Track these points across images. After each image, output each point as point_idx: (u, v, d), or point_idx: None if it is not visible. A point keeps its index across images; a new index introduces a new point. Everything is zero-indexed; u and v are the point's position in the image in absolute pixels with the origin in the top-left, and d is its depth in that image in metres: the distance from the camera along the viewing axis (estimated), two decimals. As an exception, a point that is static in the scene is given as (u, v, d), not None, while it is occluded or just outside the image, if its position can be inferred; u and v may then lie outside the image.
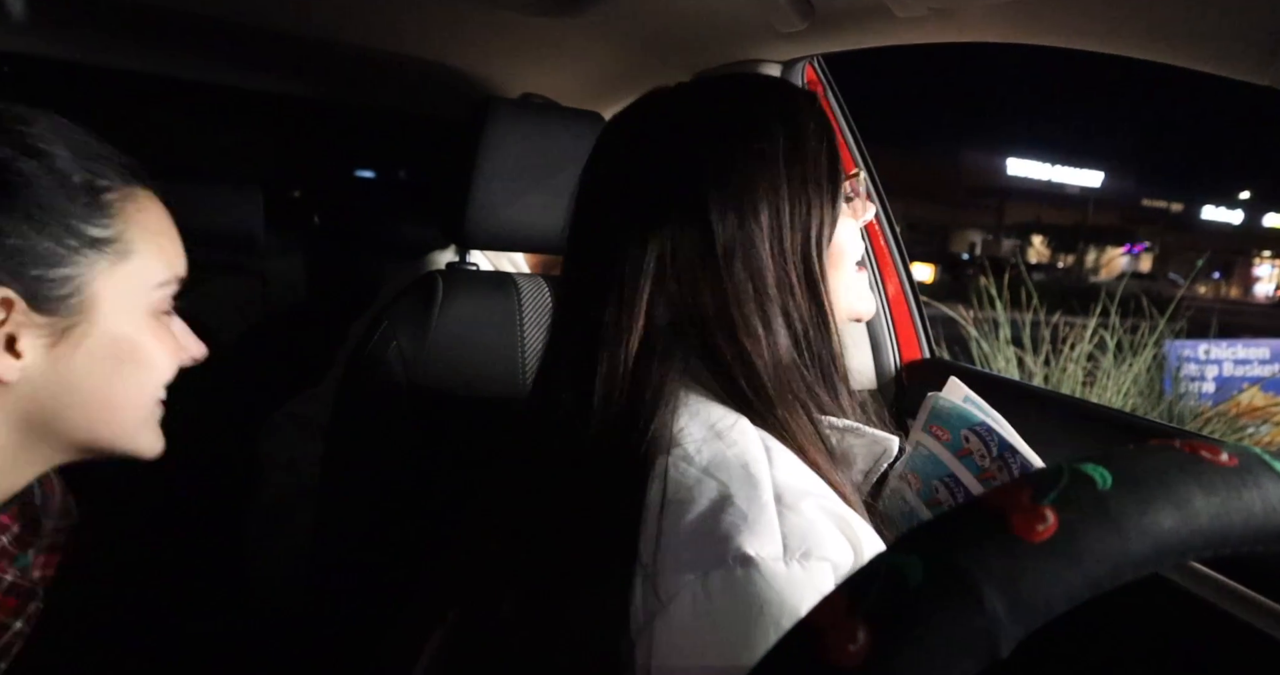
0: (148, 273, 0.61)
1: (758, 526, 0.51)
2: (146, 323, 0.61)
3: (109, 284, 0.59)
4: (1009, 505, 0.28)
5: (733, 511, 0.51)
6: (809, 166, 0.62)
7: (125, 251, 0.60)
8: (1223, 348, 4.45)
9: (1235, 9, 0.67)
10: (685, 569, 0.50)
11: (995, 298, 3.86)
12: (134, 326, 0.60)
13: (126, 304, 0.60)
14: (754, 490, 0.53)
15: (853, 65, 1.48)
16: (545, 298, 1.06)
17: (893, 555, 0.28)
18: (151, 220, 0.63)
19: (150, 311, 0.62)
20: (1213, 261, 29.59)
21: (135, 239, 0.60)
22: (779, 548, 0.50)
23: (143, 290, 0.61)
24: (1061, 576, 0.26)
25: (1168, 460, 0.29)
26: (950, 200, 32.98)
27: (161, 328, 0.63)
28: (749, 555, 0.49)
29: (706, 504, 0.52)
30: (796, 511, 0.52)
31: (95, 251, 0.58)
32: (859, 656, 0.25)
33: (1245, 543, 0.29)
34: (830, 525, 0.53)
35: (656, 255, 0.60)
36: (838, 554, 0.52)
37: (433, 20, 1.61)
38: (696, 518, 0.52)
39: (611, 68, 1.62)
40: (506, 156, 1.03)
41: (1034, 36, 0.88)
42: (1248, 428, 3.44)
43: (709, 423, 0.57)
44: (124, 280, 0.60)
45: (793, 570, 0.50)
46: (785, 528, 0.51)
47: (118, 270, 0.59)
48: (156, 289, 0.62)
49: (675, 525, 0.52)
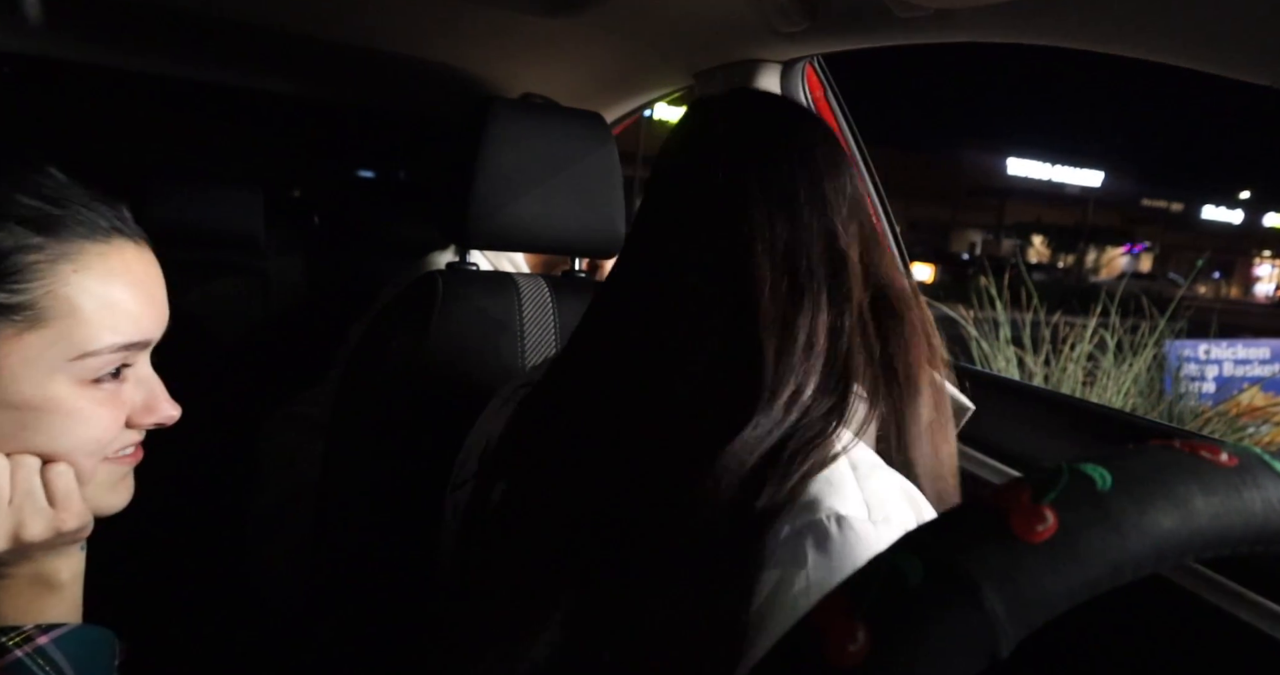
0: (70, 341, 0.55)
1: (843, 491, 0.56)
2: (68, 392, 0.56)
3: (13, 351, 0.54)
4: (1009, 505, 0.28)
5: (818, 478, 0.56)
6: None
7: (37, 318, 0.54)
8: (1223, 348, 4.45)
9: (1236, 9, 0.67)
10: (777, 531, 0.55)
11: (995, 298, 3.86)
12: (48, 397, 0.56)
13: (37, 373, 0.55)
14: (834, 461, 0.58)
15: (853, 65, 1.49)
16: (545, 298, 1.06)
17: (892, 555, 0.28)
18: (96, 282, 0.56)
19: (75, 380, 0.57)
20: (1213, 261, 29.61)
21: (55, 305, 0.55)
22: (864, 510, 0.55)
23: (60, 359, 0.55)
24: (1061, 577, 0.26)
25: (1167, 460, 0.29)
26: (950, 200, 32.98)
27: (93, 396, 0.58)
28: (842, 514, 0.54)
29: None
30: (871, 481, 0.58)
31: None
32: (858, 657, 0.25)
33: (1245, 543, 0.29)
34: (900, 497, 0.58)
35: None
36: (908, 524, 0.56)
37: (433, 20, 1.61)
38: (796, 478, 0.56)
39: (611, 68, 1.62)
40: (506, 156, 1.03)
41: (1034, 36, 0.88)
42: (1248, 428, 3.44)
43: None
44: (35, 349, 0.54)
45: (879, 530, 0.55)
46: (865, 494, 0.56)
47: (26, 338, 0.54)
48: (81, 358, 0.56)
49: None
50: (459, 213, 1.04)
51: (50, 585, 0.61)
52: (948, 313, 3.78)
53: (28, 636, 0.58)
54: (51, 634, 0.58)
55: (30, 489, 0.57)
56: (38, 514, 0.57)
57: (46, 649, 0.58)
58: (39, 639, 0.58)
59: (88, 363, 0.57)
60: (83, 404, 0.57)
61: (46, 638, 0.58)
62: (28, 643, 0.57)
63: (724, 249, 0.64)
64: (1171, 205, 39.82)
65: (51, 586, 0.61)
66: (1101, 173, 36.68)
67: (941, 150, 35.76)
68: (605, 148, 1.08)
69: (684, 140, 0.72)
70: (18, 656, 0.57)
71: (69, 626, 0.60)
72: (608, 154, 1.08)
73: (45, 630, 0.58)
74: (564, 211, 1.06)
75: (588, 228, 1.08)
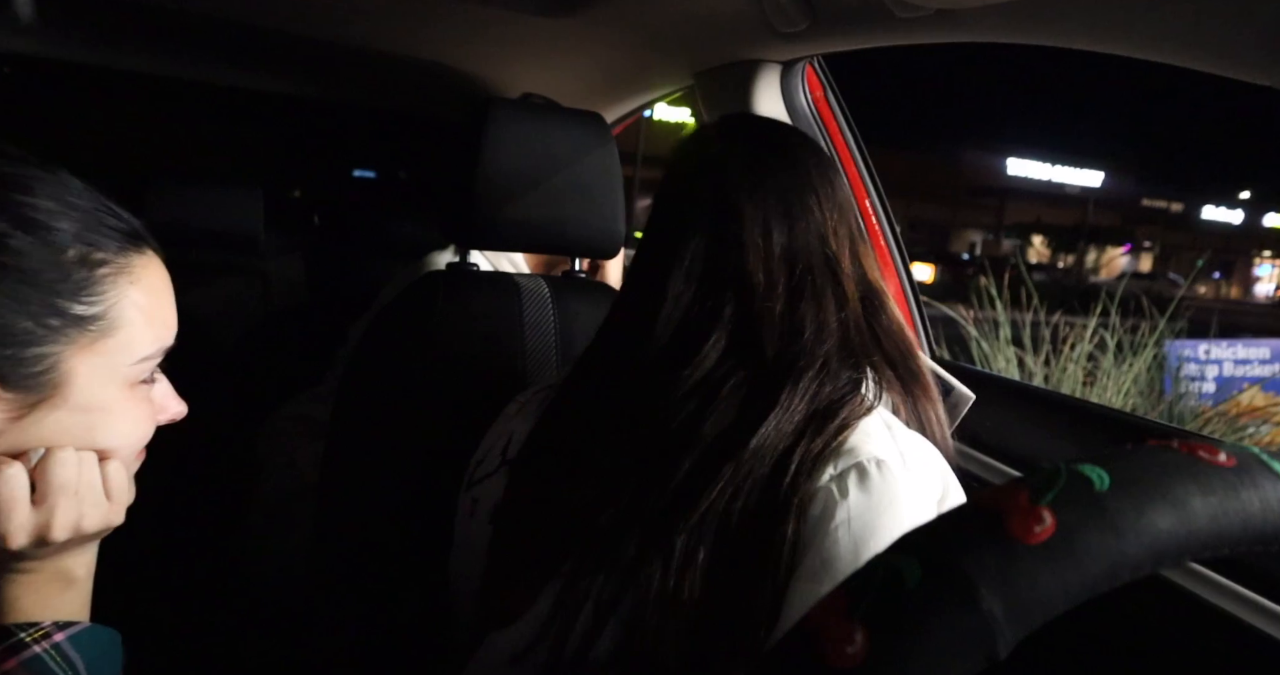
0: (131, 348, 0.59)
1: (881, 441, 0.64)
2: (121, 394, 0.60)
3: (86, 359, 0.57)
4: (1006, 506, 0.28)
5: (857, 430, 0.64)
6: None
7: (109, 328, 0.58)
8: (1223, 348, 4.45)
9: (1236, 9, 0.67)
10: (820, 473, 0.62)
11: (995, 298, 3.86)
12: (107, 399, 0.59)
13: (102, 378, 0.58)
14: (869, 414, 0.66)
15: (853, 65, 1.49)
16: (545, 298, 1.06)
17: (890, 556, 0.28)
18: (143, 294, 0.60)
19: (127, 384, 0.60)
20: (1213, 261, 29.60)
21: (122, 314, 0.58)
22: (900, 459, 0.63)
23: (122, 365, 0.59)
24: (1059, 578, 0.26)
25: (1165, 461, 0.29)
26: (950, 200, 32.98)
27: (137, 397, 0.61)
28: (881, 458, 0.62)
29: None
30: (903, 436, 0.67)
31: (77, 329, 0.56)
32: (857, 658, 0.25)
33: (1243, 543, 0.29)
34: (929, 450, 0.68)
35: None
36: (935, 474, 0.66)
37: (433, 21, 1.61)
38: (834, 429, 0.64)
39: (611, 68, 1.62)
40: (507, 156, 1.03)
41: (1034, 36, 0.88)
42: (1248, 428, 3.44)
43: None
44: (103, 356, 0.58)
45: (913, 475, 0.63)
46: (899, 446, 0.65)
47: (98, 346, 0.57)
48: (138, 363, 0.60)
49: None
50: (459, 213, 1.04)
51: (68, 581, 0.61)
52: (948, 313, 3.78)
53: (46, 632, 0.58)
54: (67, 631, 0.59)
55: (93, 482, 0.60)
56: (97, 507, 0.60)
57: (62, 646, 0.58)
58: (56, 636, 0.58)
59: (142, 367, 0.61)
60: (132, 405, 0.61)
61: (62, 635, 0.58)
62: (45, 639, 0.58)
63: (722, 257, 0.71)
64: (1171, 205, 39.82)
65: (69, 582, 0.62)
66: (1101, 173, 36.69)
67: (941, 150, 35.75)
68: (605, 148, 1.08)
69: (683, 161, 0.79)
70: (36, 652, 0.57)
71: (83, 625, 0.60)
72: (608, 154, 1.08)
73: (62, 627, 0.59)
74: (564, 212, 1.06)
75: (588, 228, 1.08)
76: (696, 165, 0.77)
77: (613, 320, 0.80)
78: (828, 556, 0.59)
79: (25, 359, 0.54)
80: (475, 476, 0.84)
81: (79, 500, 0.59)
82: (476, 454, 0.86)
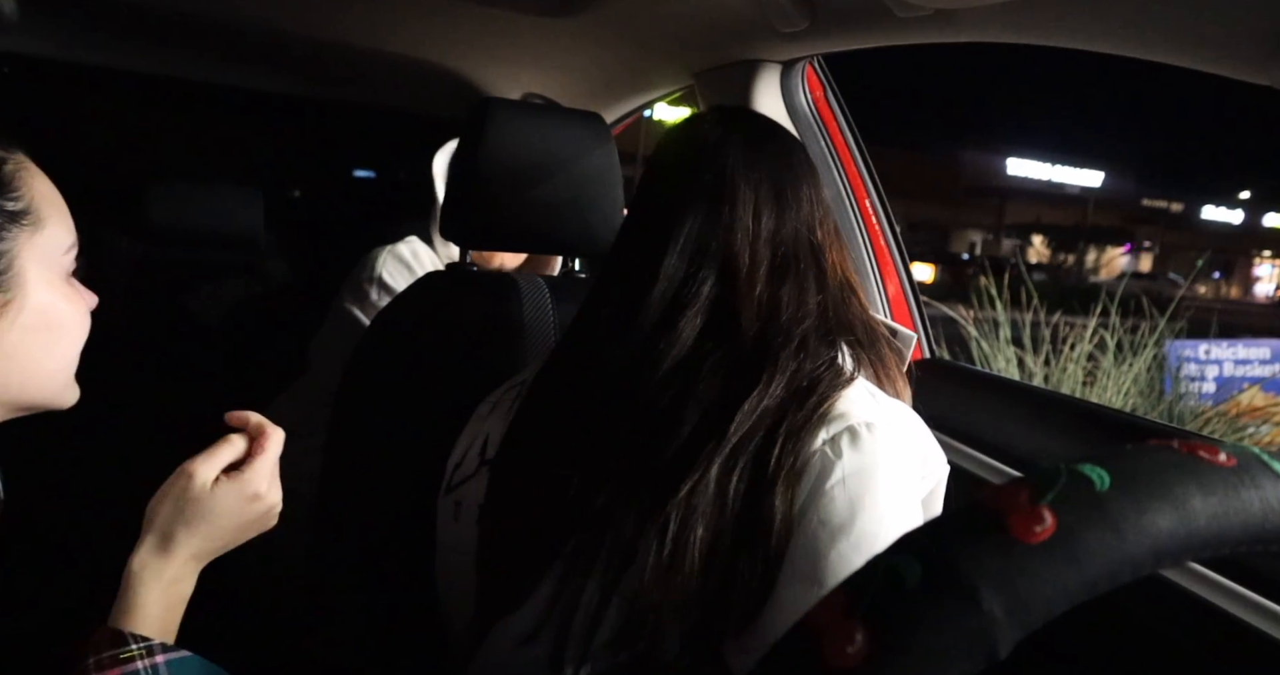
0: (57, 239, 0.63)
1: (867, 405, 0.68)
2: (61, 288, 0.63)
3: (31, 255, 0.60)
4: (1007, 506, 0.28)
5: (844, 397, 0.68)
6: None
7: (38, 220, 0.61)
8: (1223, 348, 4.45)
9: (1235, 9, 0.67)
10: (812, 439, 0.64)
11: (995, 298, 3.86)
12: (54, 294, 0.62)
13: (46, 273, 0.61)
14: (852, 383, 0.70)
15: (853, 65, 1.49)
16: (545, 298, 1.06)
17: (890, 556, 0.28)
18: (44, 186, 0.63)
19: (63, 275, 0.63)
20: (1213, 261, 29.60)
21: (42, 207, 0.62)
22: (886, 420, 0.67)
23: (55, 257, 0.62)
24: (1059, 578, 0.26)
25: (1166, 461, 0.29)
26: (950, 200, 32.97)
27: (73, 290, 0.65)
28: (870, 421, 0.66)
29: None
30: (886, 402, 0.71)
31: (16, 225, 0.59)
32: (857, 658, 0.25)
33: (1243, 543, 0.29)
34: (911, 413, 0.72)
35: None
36: (917, 437, 0.71)
37: (433, 21, 1.61)
38: (816, 401, 0.67)
39: (611, 68, 1.62)
40: (506, 157, 1.03)
41: (1034, 36, 0.88)
42: (1248, 428, 3.44)
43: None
44: (40, 249, 0.61)
45: (899, 434, 0.67)
46: (884, 410, 0.69)
47: (36, 240, 0.61)
48: (65, 254, 0.63)
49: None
50: (459, 213, 1.04)
51: (182, 599, 0.62)
52: (948, 313, 3.78)
53: (150, 650, 0.58)
54: (169, 655, 0.58)
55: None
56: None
57: (160, 668, 0.57)
58: (158, 657, 0.58)
59: (70, 257, 0.64)
60: (72, 297, 0.64)
61: (164, 657, 0.58)
62: (149, 656, 0.57)
63: (711, 236, 0.73)
64: (1171, 205, 39.81)
65: (184, 600, 0.63)
66: (1101, 173, 36.68)
67: (941, 150, 35.73)
68: (605, 148, 1.08)
69: (677, 145, 0.80)
70: (137, 668, 0.56)
71: (184, 653, 0.59)
72: (607, 154, 1.08)
73: (166, 650, 0.58)
74: (563, 211, 1.06)
75: (587, 227, 1.08)
76: (696, 148, 0.77)
77: (594, 304, 0.80)
78: (826, 514, 0.62)
79: None
80: (455, 480, 0.85)
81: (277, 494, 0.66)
82: (453, 457, 0.87)
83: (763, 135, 0.79)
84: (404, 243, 1.57)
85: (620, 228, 0.83)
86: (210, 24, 1.69)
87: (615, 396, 0.72)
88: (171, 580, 0.61)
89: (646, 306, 0.72)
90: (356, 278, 1.53)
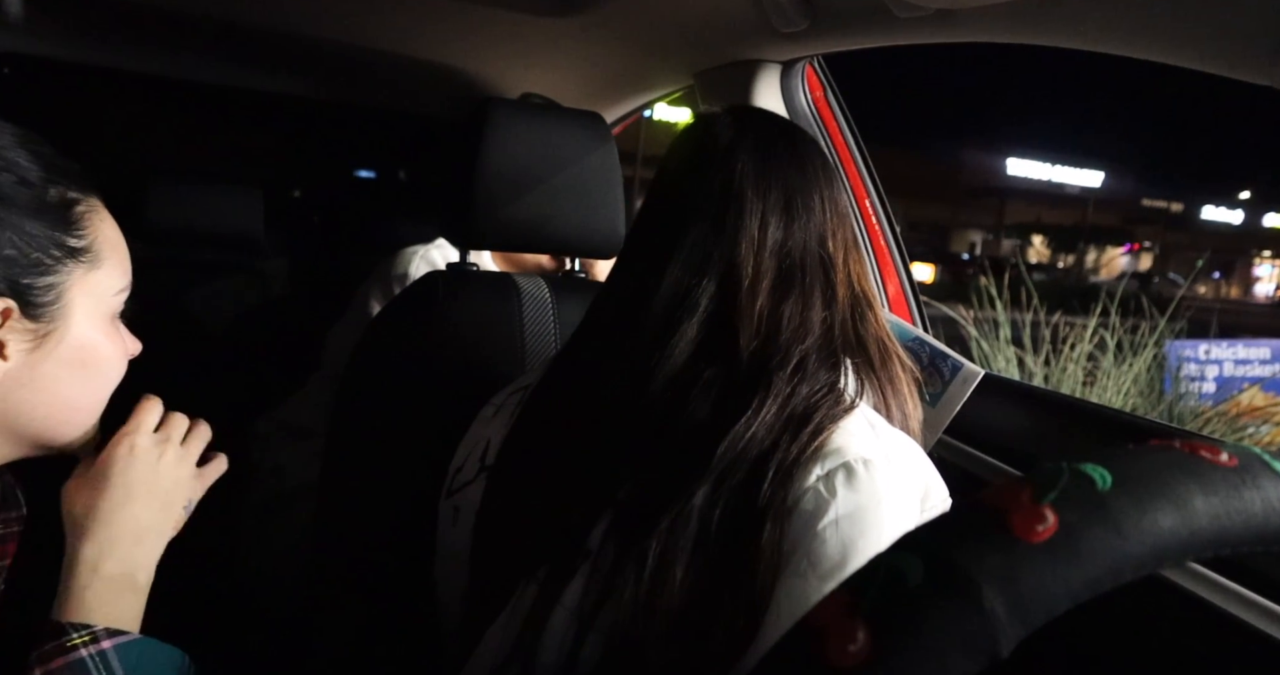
0: (111, 280, 0.64)
1: (866, 440, 0.64)
2: (105, 327, 0.64)
3: (81, 290, 0.62)
4: (1009, 505, 0.28)
5: (841, 430, 0.64)
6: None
7: (96, 260, 0.63)
8: (1223, 348, 4.45)
9: (1235, 9, 0.67)
10: (806, 475, 0.61)
11: (995, 298, 3.86)
12: (96, 331, 0.63)
13: (92, 310, 0.63)
14: (851, 413, 0.66)
15: (853, 65, 1.49)
16: (545, 298, 1.06)
17: (892, 554, 0.28)
18: (110, 230, 0.65)
19: (109, 317, 0.65)
20: (1213, 261, 29.59)
21: (102, 248, 0.64)
22: (884, 456, 0.63)
23: (106, 296, 0.64)
24: (1061, 577, 0.26)
25: (1167, 460, 0.29)
26: (950, 200, 32.98)
27: (116, 333, 0.66)
28: (868, 458, 0.62)
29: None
30: (886, 434, 0.67)
31: (74, 261, 0.61)
32: (859, 657, 0.25)
33: (1245, 543, 0.29)
34: (911, 447, 0.68)
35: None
36: (918, 472, 0.66)
37: (433, 21, 1.61)
38: (811, 432, 0.63)
39: (611, 68, 1.62)
40: (506, 157, 1.03)
41: (1034, 36, 0.88)
42: (1248, 428, 3.44)
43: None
44: (93, 287, 0.63)
45: (897, 472, 0.63)
46: (883, 444, 0.65)
47: (89, 278, 0.62)
48: (116, 295, 0.65)
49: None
50: (459, 213, 1.04)
51: (132, 585, 0.63)
52: (948, 313, 3.78)
53: (95, 637, 0.58)
54: (116, 640, 0.59)
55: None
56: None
57: (108, 654, 0.58)
58: (104, 642, 0.58)
59: (119, 299, 0.66)
60: (114, 339, 0.65)
61: (110, 643, 0.58)
62: (94, 643, 0.58)
63: (712, 245, 0.70)
64: (1171, 205, 39.80)
65: (132, 586, 0.63)
66: (1101, 173, 36.67)
67: (941, 150, 35.75)
68: (605, 148, 1.08)
69: (688, 147, 0.77)
70: (81, 656, 0.57)
71: (132, 636, 0.60)
72: (607, 154, 1.08)
73: (112, 635, 0.59)
74: (564, 211, 1.06)
75: (587, 228, 1.08)
76: (707, 153, 0.75)
77: (598, 312, 0.78)
78: (816, 557, 0.59)
79: (40, 288, 0.59)
80: (455, 484, 0.84)
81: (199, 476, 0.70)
82: (454, 461, 0.86)
83: (776, 138, 0.75)
84: (434, 246, 1.57)
85: (629, 231, 0.81)
86: (211, 25, 1.69)
87: (609, 411, 0.70)
88: (94, 560, 0.61)
89: (646, 316, 0.70)
90: (386, 275, 1.52)
